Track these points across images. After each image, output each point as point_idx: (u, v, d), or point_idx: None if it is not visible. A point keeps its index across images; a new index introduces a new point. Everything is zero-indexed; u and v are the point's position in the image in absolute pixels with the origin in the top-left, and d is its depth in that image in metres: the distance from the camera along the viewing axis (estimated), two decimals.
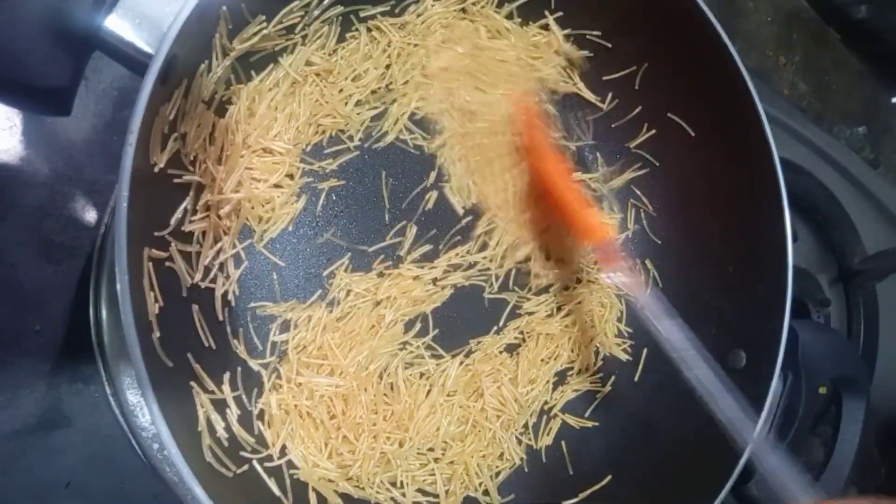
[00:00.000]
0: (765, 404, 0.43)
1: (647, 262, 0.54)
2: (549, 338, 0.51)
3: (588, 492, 0.48)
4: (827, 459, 0.55)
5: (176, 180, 0.34)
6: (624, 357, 0.53)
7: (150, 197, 0.32)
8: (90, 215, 0.45)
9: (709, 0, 0.44)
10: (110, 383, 0.43)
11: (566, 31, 0.50)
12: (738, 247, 0.49)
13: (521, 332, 0.50)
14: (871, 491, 0.71)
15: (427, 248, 0.47)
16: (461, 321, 0.48)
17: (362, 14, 0.44)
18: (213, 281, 0.38)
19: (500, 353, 0.49)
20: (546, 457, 0.49)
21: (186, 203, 0.35)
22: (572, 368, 0.52)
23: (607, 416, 0.51)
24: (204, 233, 0.37)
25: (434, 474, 0.45)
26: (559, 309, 0.52)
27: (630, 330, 0.54)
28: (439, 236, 0.48)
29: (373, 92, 0.45)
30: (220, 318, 0.38)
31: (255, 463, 0.37)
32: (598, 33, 0.50)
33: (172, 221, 0.34)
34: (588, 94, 0.53)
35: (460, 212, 0.49)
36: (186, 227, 0.35)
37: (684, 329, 0.40)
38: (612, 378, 0.52)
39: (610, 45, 0.50)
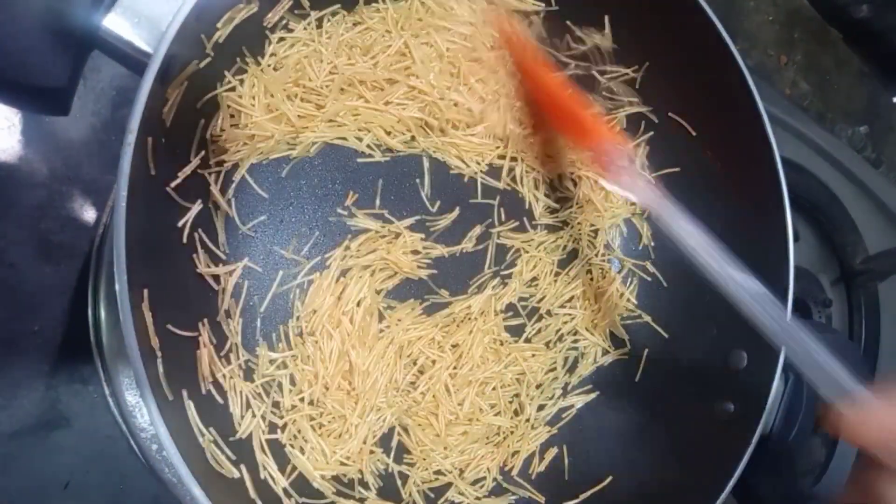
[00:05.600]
0: (766, 405, 0.43)
1: (648, 263, 0.54)
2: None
3: (588, 493, 0.47)
4: (828, 460, 0.55)
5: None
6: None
7: (148, 196, 0.32)
8: (89, 215, 0.45)
9: (709, 0, 0.44)
10: (109, 384, 0.43)
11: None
12: (738, 247, 0.49)
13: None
14: None
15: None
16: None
17: None
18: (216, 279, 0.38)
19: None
20: (546, 457, 0.49)
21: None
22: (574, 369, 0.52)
23: (607, 417, 0.51)
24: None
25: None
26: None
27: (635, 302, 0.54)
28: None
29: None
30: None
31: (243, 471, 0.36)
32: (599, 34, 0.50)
33: None
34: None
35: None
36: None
37: (705, 233, 0.39)
38: (613, 378, 0.52)
39: (610, 46, 0.50)
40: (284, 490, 0.38)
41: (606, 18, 0.49)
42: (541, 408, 0.50)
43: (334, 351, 0.42)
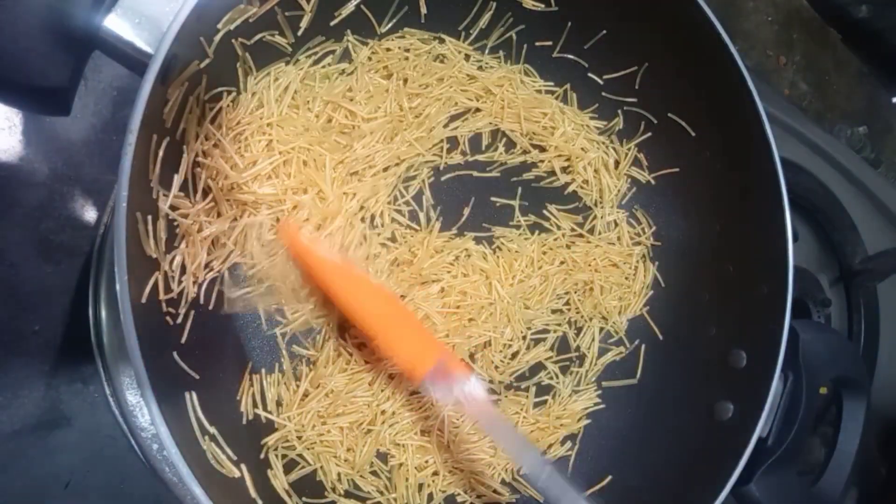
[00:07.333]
0: (765, 405, 0.43)
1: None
2: None
3: (588, 492, 0.48)
4: (827, 460, 0.55)
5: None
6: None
7: (149, 196, 0.32)
8: (89, 215, 0.45)
9: (709, 0, 0.44)
10: (109, 383, 0.43)
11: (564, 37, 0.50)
12: (738, 247, 0.49)
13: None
14: (872, 490, 0.71)
15: None
16: None
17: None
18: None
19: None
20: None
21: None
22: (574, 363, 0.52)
23: (607, 417, 0.51)
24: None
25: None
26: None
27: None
28: None
29: None
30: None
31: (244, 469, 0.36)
32: (599, 34, 0.50)
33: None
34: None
35: None
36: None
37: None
38: (613, 378, 0.52)
39: (610, 46, 0.50)
40: (286, 490, 0.38)
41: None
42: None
43: None
